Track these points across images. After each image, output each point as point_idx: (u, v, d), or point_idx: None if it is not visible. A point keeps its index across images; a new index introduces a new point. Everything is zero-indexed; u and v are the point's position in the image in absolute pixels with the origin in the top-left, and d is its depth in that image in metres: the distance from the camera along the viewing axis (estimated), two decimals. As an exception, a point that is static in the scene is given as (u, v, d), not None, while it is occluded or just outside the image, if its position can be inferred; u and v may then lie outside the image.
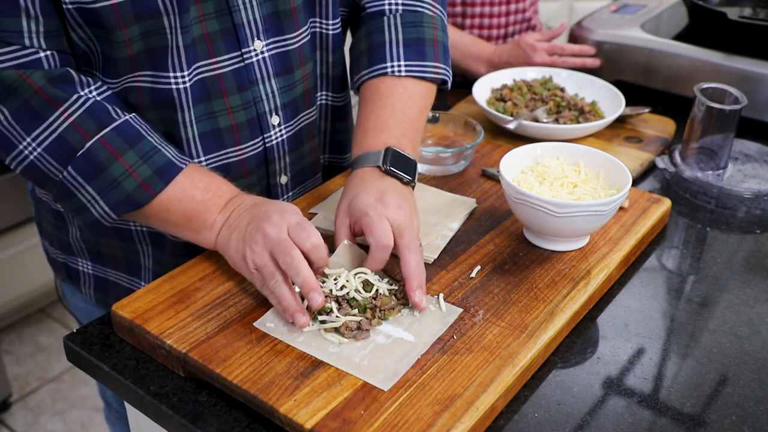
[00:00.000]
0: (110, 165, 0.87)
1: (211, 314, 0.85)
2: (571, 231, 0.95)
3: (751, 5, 1.62)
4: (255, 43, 0.98)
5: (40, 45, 0.86)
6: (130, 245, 1.06)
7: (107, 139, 0.87)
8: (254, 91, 1.00)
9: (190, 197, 0.89)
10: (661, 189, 1.22)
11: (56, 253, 1.15)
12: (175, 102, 0.94)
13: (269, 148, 1.05)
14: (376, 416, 0.73)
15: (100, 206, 0.89)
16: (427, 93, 1.06)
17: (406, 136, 1.00)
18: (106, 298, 1.13)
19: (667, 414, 0.79)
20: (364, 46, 1.08)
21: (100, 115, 0.88)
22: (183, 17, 0.89)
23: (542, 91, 1.37)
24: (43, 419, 2.17)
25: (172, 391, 0.80)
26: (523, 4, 1.76)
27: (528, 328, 0.84)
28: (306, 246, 0.83)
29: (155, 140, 0.90)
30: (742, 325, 0.91)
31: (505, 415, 0.78)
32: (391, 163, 0.94)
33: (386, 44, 1.06)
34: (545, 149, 1.05)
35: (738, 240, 1.10)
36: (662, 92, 1.50)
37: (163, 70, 0.92)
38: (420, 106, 1.04)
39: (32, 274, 2.33)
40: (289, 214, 0.85)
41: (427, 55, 1.06)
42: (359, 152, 0.98)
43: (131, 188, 0.88)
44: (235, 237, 0.87)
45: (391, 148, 0.96)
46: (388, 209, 0.88)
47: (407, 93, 1.04)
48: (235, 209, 0.90)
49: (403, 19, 1.07)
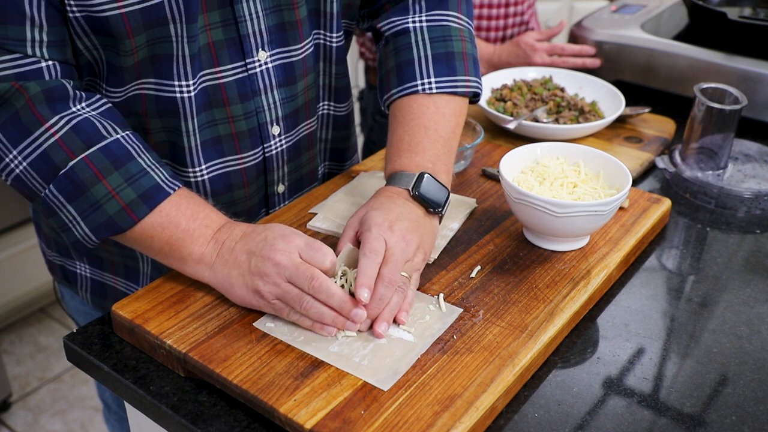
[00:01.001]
0: (92, 186, 0.84)
1: (211, 314, 0.85)
2: (571, 231, 0.95)
3: (751, 5, 1.62)
4: (259, 53, 0.97)
5: (42, 54, 0.84)
6: (129, 251, 1.06)
7: (92, 159, 0.84)
8: (256, 101, 0.99)
9: (174, 225, 0.86)
10: (661, 189, 1.22)
11: (54, 256, 1.15)
12: (179, 110, 0.94)
13: (268, 157, 1.04)
14: (376, 416, 0.73)
15: (81, 227, 0.86)
16: (459, 109, 1.04)
17: (441, 158, 0.97)
18: (103, 301, 1.13)
19: (667, 414, 0.79)
20: (392, 64, 1.06)
21: (89, 133, 0.85)
22: (190, 27, 0.89)
23: (542, 91, 1.37)
24: (43, 419, 2.17)
25: (172, 391, 0.80)
26: (521, 7, 1.76)
27: (528, 328, 0.84)
28: (326, 266, 0.82)
29: (146, 161, 0.87)
30: (742, 325, 0.91)
31: (505, 415, 0.78)
32: (423, 189, 0.92)
33: (415, 61, 1.03)
34: (545, 149, 1.04)
35: (738, 240, 1.10)
36: (662, 92, 1.50)
37: (168, 78, 0.91)
38: (452, 125, 1.02)
39: (32, 274, 2.33)
40: (291, 236, 0.83)
41: (458, 69, 1.04)
42: (394, 170, 0.96)
43: (113, 211, 0.84)
44: (238, 274, 0.83)
45: (426, 174, 0.93)
46: (392, 234, 0.85)
47: (440, 112, 1.01)
48: (225, 242, 0.86)
49: (431, 33, 1.05)
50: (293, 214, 1.05)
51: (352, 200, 1.07)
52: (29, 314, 2.52)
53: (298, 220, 1.04)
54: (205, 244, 0.86)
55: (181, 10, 0.87)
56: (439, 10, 1.07)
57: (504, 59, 1.61)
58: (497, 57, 1.63)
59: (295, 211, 1.06)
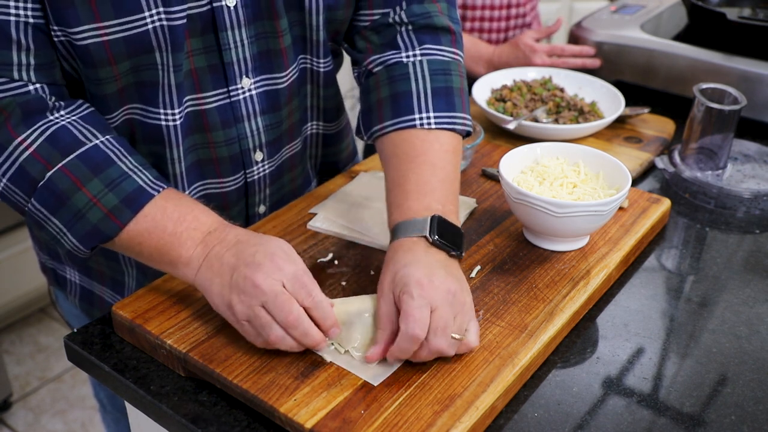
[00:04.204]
0: (73, 195, 0.81)
1: (212, 314, 0.85)
2: (571, 231, 0.95)
3: (751, 5, 1.62)
4: (243, 80, 0.95)
5: (29, 78, 0.83)
6: (115, 263, 1.05)
7: (69, 168, 0.82)
8: (239, 128, 0.98)
9: (161, 230, 0.82)
10: (660, 189, 1.22)
11: (46, 259, 1.14)
12: (164, 138, 0.93)
13: (250, 182, 1.03)
14: (376, 416, 0.73)
15: (68, 239, 0.84)
16: (458, 147, 0.97)
17: (449, 199, 0.90)
18: (91, 308, 1.12)
19: (667, 414, 0.79)
20: (385, 93, 0.98)
21: (66, 141, 0.82)
22: (176, 56, 0.87)
23: (542, 91, 1.37)
24: (43, 419, 2.17)
25: (172, 390, 0.80)
26: (524, 9, 1.77)
27: (528, 327, 0.84)
28: (306, 303, 0.77)
29: (128, 164, 0.84)
30: (742, 325, 0.92)
31: (505, 415, 0.78)
32: (439, 234, 0.84)
33: (413, 94, 0.96)
34: (545, 149, 1.05)
35: (737, 240, 1.10)
36: (662, 92, 1.50)
37: (154, 105, 0.90)
38: (455, 164, 0.95)
39: (32, 274, 2.32)
40: (281, 260, 0.77)
41: (456, 105, 0.97)
42: (402, 218, 0.87)
43: (96, 219, 0.82)
44: (219, 283, 0.79)
45: (438, 216, 0.85)
46: (435, 291, 0.78)
47: (443, 149, 0.94)
48: (215, 247, 0.81)
49: (431, 66, 0.98)
50: (293, 214, 1.05)
51: (352, 200, 1.07)
52: (29, 314, 2.52)
53: (298, 220, 1.04)
54: (194, 247, 0.82)
55: (167, 38, 0.86)
56: (436, 45, 1.00)
57: (504, 60, 1.61)
58: (497, 57, 1.63)
59: (295, 211, 1.06)
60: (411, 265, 0.80)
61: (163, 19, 0.85)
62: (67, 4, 0.80)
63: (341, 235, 1.01)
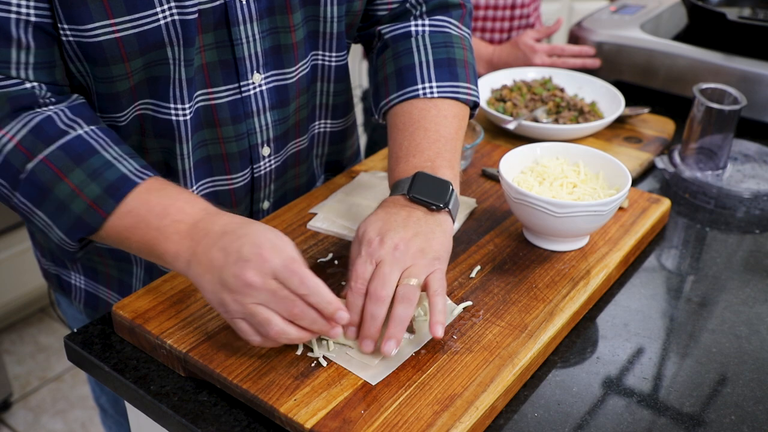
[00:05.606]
0: (55, 186, 0.80)
1: (212, 314, 0.85)
2: (571, 231, 0.95)
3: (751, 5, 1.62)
4: (254, 76, 0.95)
5: (27, 76, 0.82)
6: (125, 264, 1.04)
7: (51, 159, 0.80)
8: (248, 123, 0.98)
9: (145, 224, 0.80)
10: (660, 189, 1.22)
11: (49, 265, 1.13)
12: (174, 133, 0.93)
13: (257, 177, 1.04)
14: (376, 416, 0.73)
15: (55, 232, 0.83)
16: (462, 113, 0.99)
17: (441, 155, 0.91)
18: (95, 314, 1.12)
19: (667, 414, 0.79)
20: (390, 69, 1.02)
21: (49, 131, 0.81)
22: (188, 51, 0.88)
23: (542, 91, 1.37)
24: (43, 419, 2.17)
25: (172, 390, 0.80)
26: (527, 9, 1.77)
27: (528, 327, 0.84)
28: (300, 291, 0.74)
29: (112, 154, 0.82)
30: (742, 324, 0.92)
31: (505, 415, 0.78)
32: (418, 189, 0.86)
33: (416, 66, 0.99)
34: (545, 149, 1.05)
35: (737, 240, 1.10)
36: (662, 92, 1.50)
37: (165, 99, 0.90)
38: (455, 127, 0.96)
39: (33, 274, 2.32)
40: (267, 251, 0.74)
41: (459, 75, 1.00)
42: (392, 180, 0.92)
43: (80, 210, 0.80)
44: (209, 280, 0.76)
45: (421, 173, 0.88)
46: (382, 248, 0.80)
47: (441, 114, 0.96)
48: (203, 241, 0.78)
49: (432, 39, 1.02)
50: (293, 214, 1.05)
51: (352, 200, 1.07)
52: (30, 314, 2.53)
53: (298, 220, 1.04)
54: (179, 241, 0.79)
55: (179, 33, 0.86)
56: (442, 16, 1.05)
57: (503, 60, 1.62)
58: (497, 57, 1.63)
59: (295, 211, 1.06)
60: (373, 223, 0.84)
61: (175, 14, 0.85)
62: (79, 2, 0.80)
63: (341, 235, 1.01)
